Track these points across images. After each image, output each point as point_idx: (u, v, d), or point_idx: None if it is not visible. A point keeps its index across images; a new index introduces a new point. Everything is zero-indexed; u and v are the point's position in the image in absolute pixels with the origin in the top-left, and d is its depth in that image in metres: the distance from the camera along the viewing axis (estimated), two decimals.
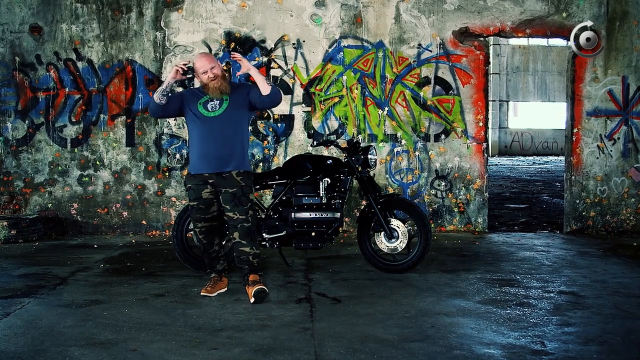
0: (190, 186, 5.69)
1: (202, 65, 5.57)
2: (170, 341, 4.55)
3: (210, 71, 5.55)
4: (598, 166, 9.05)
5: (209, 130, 5.57)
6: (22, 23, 8.77)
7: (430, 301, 5.58)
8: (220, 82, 5.58)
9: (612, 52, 8.97)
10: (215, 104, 5.62)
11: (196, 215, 5.74)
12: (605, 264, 7.10)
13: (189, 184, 5.71)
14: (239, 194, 5.60)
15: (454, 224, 9.06)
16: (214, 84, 5.57)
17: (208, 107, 5.62)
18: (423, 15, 8.90)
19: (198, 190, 5.66)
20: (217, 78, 5.57)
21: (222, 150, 5.57)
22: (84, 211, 8.93)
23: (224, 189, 5.60)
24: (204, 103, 5.65)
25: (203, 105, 5.64)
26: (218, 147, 5.56)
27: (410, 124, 8.96)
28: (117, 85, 8.84)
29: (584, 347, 4.47)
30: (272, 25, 8.86)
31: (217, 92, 5.59)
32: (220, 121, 5.58)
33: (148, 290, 5.92)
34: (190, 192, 5.70)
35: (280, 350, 4.37)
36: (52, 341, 4.54)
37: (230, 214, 5.61)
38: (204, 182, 5.63)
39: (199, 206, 5.70)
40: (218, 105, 5.62)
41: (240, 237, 5.62)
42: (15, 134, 8.85)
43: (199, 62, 5.59)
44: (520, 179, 18.16)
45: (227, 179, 5.59)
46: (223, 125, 5.59)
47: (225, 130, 5.59)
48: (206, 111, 5.61)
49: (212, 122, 5.58)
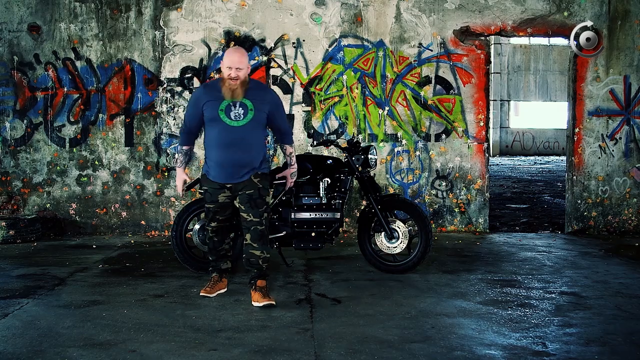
0: (207, 189, 5.55)
1: (230, 60, 5.29)
2: (169, 342, 4.55)
3: (235, 70, 5.27)
4: (600, 166, 9.02)
5: (231, 140, 5.34)
6: (21, 22, 8.74)
7: (430, 302, 5.57)
8: (237, 87, 5.30)
9: (613, 52, 8.93)
10: (239, 113, 5.34)
11: (210, 217, 5.66)
12: (607, 265, 7.08)
13: (205, 187, 5.56)
14: (255, 196, 5.45)
15: (455, 224, 9.03)
16: (230, 85, 5.29)
17: (231, 115, 5.33)
18: (424, 14, 8.87)
19: (215, 194, 5.52)
20: (237, 80, 5.29)
21: (242, 160, 5.39)
22: (82, 211, 8.90)
23: (241, 191, 5.46)
24: (225, 109, 5.33)
25: (225, 112, 5.33)
26: (239, 158, 5.37)
27: (410, 124, 8.93)
28: (116, 84, 8.81)
29: (586, 348, 4.48)
30: (272, 24, 8.83)
31: (229, 93, 5.30)
32: (242, 132, 5.35)
33: (147, 290, 5.91)
34: (207, 195, 5.56)
35: (280, 351, 4.37)
36: (50, 342, 4.53)
37: (244, 214, 5.48)
38: (221, 186, 5.48)
39: (215, 209, 5.59)
40: (242, 115, 5.34)
41: (252, 240, 5.50)
42: (14, 134, 8.81)
43: (230, 55, 5.33)
44: (521, 179, 18.14)
45: (245, 183, 5.45)
46: (245, 135, 5.37)
47: (247, 140, 5.38)
48: (229, 119, 5.33)
49: (235, 132, 5.34)
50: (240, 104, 5.34)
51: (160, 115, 8.84)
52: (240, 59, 5.30)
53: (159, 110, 8.84)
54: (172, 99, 8.82)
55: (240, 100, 5.33)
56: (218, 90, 5.37)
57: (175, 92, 8.82)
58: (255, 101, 5.38)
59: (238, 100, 5.33)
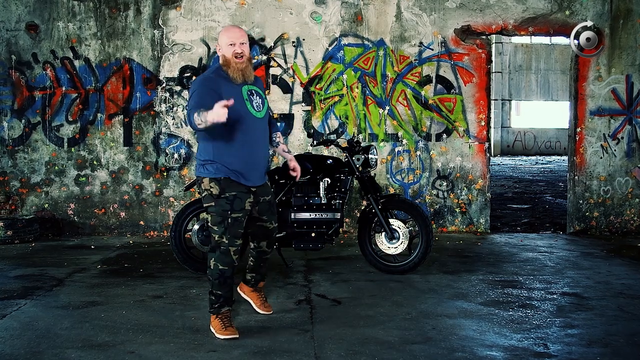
0: (235, 194, 4.64)
1: (232, 36, 4.62)
2: (168, 343, 4.54)
3: (239, 45, 4.60)
4: (602, 166, 8.98)
5: (257, 134, 4.73)
6: (19, 21, 8.71)
7: (431, 303, 5.56)
8: (246, 64, 4.64)
9: (615, 51, 8.90)
10: (258, 102, 4.74)
11: (237, 231, 4.68)
12: (609, 265, 7.07)
13: (232, 192, 4.64)
14: (272, 200, 4.99)
15: (456, 225, 9.00)
16: (238, 64, 4.61)
17: (254, 105, 4.70)
18: (424, 13, 8.84)
19: (244, 199, 4.69)
20: (244, 57, 4.62)
21: (266, 157, 4.90)
22: (80, 211, 8.87)
23: (262, 197, 4.85)
24: (248, 97, 4.68)
25: (249, 100, 4.68)
26: (264, 155, 4.84)
27: (411, 123, 8.90)
28: (114, 84, 8.79)
29: (587, 350, 4.47)
30: (272, 23, 8.80)
31: (239, 74, 4.63)
32: (264, 124, 4.80)
33: (146, 291, 5.90)
34: (237, 202, 4.65)
35: (280, 352, 4.37)
36: (48, 343, 4.52)
37: (266, 224, 4.94)
38: (247, 190, 4.72)
39: (242, 218, 4.71)
40: (262, 104, 4.76)
41: (268, 246, 5.05)
42: (12, 134, 8.79)
43: (229, 31, 4.68)
44: (522, 179, 18.12)
45: (265, 187, 4.91)
46: (265, 128, 4.84)
47: (266, 134, 4.90)
48: (254, 110, 4.68)
49: (259, 124, 4.73)
50: (255, 92, 4.76)
51: (159, 114, 8.81)
52: (240, 31, 4.69)
53: (158, 110, 8.81)
54: (171, 99, 8.79)
55: (254, 88, 4.76)
56: (226, 78, 4.67)
57: (174, 92, 8.79)
58: (260, 87, 4.87)
59: (250, 83, 4.73)
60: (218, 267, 4.67)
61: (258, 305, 5.25)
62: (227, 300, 4.76)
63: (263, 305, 5.25)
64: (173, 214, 8.82)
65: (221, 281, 4.69)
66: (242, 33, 4.67)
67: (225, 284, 4.71)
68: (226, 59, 4.64)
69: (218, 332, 4.67)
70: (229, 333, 4.64)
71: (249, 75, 4.68)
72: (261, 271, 5.21)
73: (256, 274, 5.21)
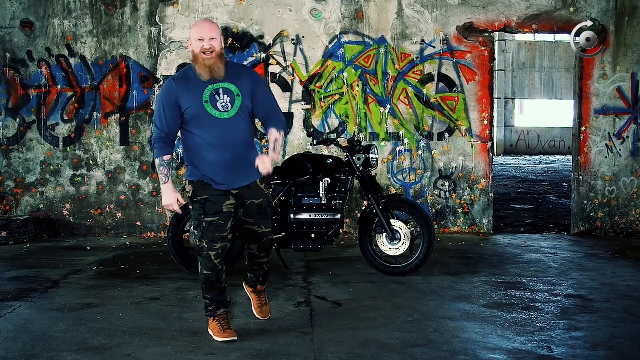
0: (207, 198, 4.55)
1: (200, 31, 4.49)
2: (165, 346, 4.52)
3: (207, 41, 4.46)
4: (607, 166, 8.91)
5: (224, 136, 4.54)
6: (13, 18, 8.66)
7: (433, 305, 5.55)
8: (214, 61, 4.49)
9: (621, 48, 8.82)
10: (225, 101, 4.55)
11: (214, 235, 4.57)
12: (614, 267, 7.05)
13: (204, 195, 4.56)
14: (265, 204, 4.75)
15: (458, 225, 8.93)
16: (205, 59, 4.48)
17: (218, 105, 4.52)
18: (426, 10, 8.77)
19: (219, 202, 4.56)
20: (213, 53, 4.48)
21: (244, 158, 4.62)
22: (76, 212, 8.82)
23: (248, 200, 4.68)
24: (210, 98, 4.52)
25: (210, 101, 4.52)
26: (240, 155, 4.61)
27: (413, 122, 8.83)
28: (110, 82, 8.73)
29: (592, 352, 4.45)
30: (271, 20, 8.73)
31: (207, 71, 4.50)
32: (234, 123, 4.57)
33: (143, 293, 5.89)
34: (209, 205, 4.55)
35: (279, 355, 4.38)
36: (43, 346, 4.50)
37: (254, 227, 4.77)
38: (225, 193, 4.59)
39: (219, 222, 4.57)
40: (230, 103, 4.56)
41: (259, 250, 4.90)
42: (6, 133, 8.73)
43: (198, 26, 4.53)
44: (526, 179, 18.17)
45: (253, 189, 4.68)
46: (237, 127, 4.60)
47: (242, 133, 4.63)
48: (217, 111, 4.51)
49: (227, 124, 4.54)
50: (224, 90, 4.56)
51: None
52: (210, 26, 4.52)
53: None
54: None
55: (224, 86, 4.57)
56: (192, 78, 4.57)
57: None
58: (237, 83, 4.62)
59: (220, 80, 4.56)
60: (203, 272, 4.65)
61: (255, 307, 5.16)
62: (221, 303, 4.73)
63: (260, 309, 5.14)
64: (170, 214, 8.72)
65: (207, 286, 4.67)
66: (212, 28, 4.54)
67: (212, 288, 4.67)
68: (195, 55, 4.54)
69: (216, 335, 4.66)
70: (227, 336, 4.63)
71: (218, 72, 4.53)
72: (256, 274, 5.06)
73: (252, 276, 5.11)
